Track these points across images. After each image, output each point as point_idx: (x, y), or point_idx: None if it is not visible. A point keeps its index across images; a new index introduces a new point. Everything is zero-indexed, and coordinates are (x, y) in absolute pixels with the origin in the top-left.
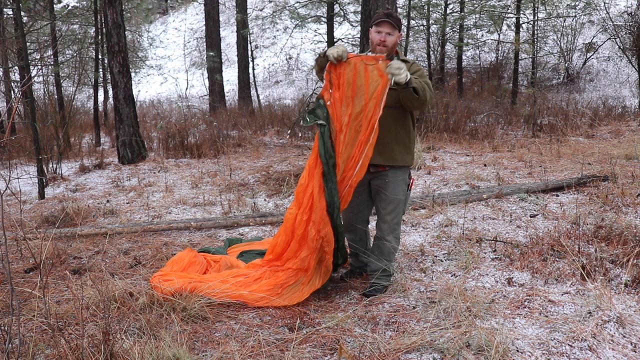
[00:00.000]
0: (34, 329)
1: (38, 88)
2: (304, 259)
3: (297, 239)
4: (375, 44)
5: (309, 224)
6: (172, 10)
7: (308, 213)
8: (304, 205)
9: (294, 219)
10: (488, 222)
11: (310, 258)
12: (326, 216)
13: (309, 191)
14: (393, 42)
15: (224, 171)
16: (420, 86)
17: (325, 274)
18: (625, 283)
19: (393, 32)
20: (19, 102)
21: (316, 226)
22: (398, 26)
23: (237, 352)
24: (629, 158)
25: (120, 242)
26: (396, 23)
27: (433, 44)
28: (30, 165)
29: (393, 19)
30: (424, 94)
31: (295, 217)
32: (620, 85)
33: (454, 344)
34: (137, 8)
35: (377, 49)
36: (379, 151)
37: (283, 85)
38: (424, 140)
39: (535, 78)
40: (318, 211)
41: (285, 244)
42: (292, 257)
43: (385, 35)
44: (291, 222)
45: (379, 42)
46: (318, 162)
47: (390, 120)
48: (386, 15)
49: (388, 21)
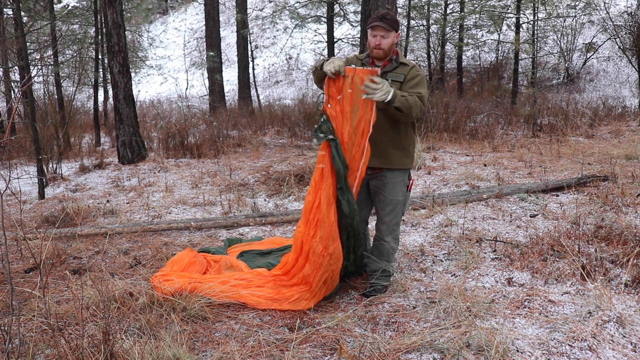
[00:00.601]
0: (34, 329)
1: (38, 88)
2: (308, 275)
3: (304, 255)
4: (371, 47)
5: (314, 239)
6: (172, 10)
7: (314, 229)
8: (310, 220)
9: (302, 236)
10: (488, 222)
11: (314, 275)
12: (335, 231)
13: (316, 206)
14: (389, 44)
15: (224, 171)
16: (404, 104)
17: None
18: (625, 283)
19: (388, 34)
20: (19, 102)
21: (324, 242)
22: (394, 27)
23: (237, 352)
24: (629, 158)
25: (120, 242)
26: (391, 24)
27: (433, 44)
28: (30, 165)
29: (387, 20)
30: (409, 111)
31: (303, 234)
32: (620, 85)
33: (454, 344)
34: (137, 8)
35: (373, 52)
36: (376, 154)
37: (283, 85)
38: (424, 140)
39: (535, 78)
40: (326, 226)
41: (294, 261)
42: (297, 272)
43: (380, 39)
44: (299, 239)
45: (375, 45)
46: (324, 176)
47: (387, 123)
48: (380, 18)
49: (381, 25)
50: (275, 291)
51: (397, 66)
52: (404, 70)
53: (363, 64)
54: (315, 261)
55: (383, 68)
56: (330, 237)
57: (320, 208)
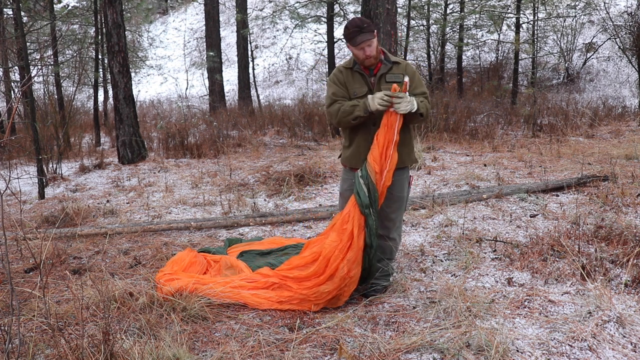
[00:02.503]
0: (34, 329)
1: (38, 88)
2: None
3: (329, 271)
4: (361, 59)
5: (343, 261)
6: (172, 10)
7: (345, 252)
8: (343, 241)
9: (333, 250)
10: (488, 222)
11: (330, 294)
12: (360, 256)
13: (349, 228)
14: (375, 48)
15: (224, 171)
16: (424, 108)
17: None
18: (625, 283)
19: (372, 40)
20: (19, 102)
21: (349, 265)
22: (373, 29)
23: (237, 352)
24: (629, 158)
25: (120, 242)
26: (370, 28)
27: (433, 44)
28: (30, 165)
29: (366, 28)
30: (427, 112)
31: (335, 249)
32: (620, 85)
33: (454, 344)
34: (137, 8)
35: (365, 62)
36: None
37: (283, 85)
38: (424, 140)
39: (535, 78)
40: (355, 250)
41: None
42: (313, 286)
43: (367, 49)
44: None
45: (365, 57)
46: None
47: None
48: (359, 29)
49: (363, 32)
50: (278, 293)
51: (392, 66)
52: (399, 69)
53: (356, 72)
54: (336, 282)
55: (378, 71)
56: (355, 261)
57: (352, 232)
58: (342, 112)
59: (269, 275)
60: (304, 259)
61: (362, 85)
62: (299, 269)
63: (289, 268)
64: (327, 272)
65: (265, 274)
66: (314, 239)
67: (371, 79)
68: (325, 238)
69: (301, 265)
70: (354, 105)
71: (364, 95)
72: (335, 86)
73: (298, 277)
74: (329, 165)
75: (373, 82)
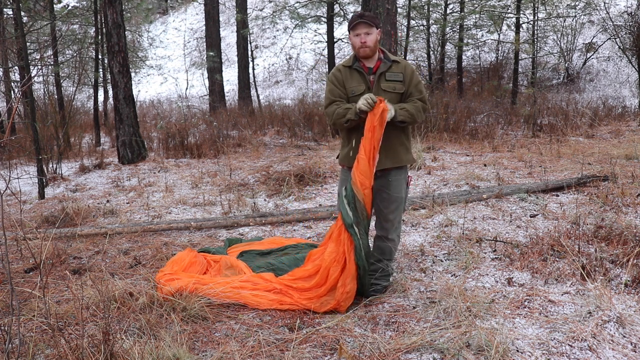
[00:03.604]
0: (34, 329)
1: (38, 88)
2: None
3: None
4: (357, 47)
5: (342, 274)
6: (172, 10)
7: (342, 265)
8: (340, 251)
9: (332, 261)
10: (488, 222)
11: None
12: (355, 271)
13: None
14: (373, 40)
15: (224, 171)
16: (406, 116)
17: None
18: (625, 283)
19: (371, 30)
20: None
21: (344, 279)
22: (375, 23)
23: (237, 352)
24: (629, 158)
25: (120, 242)
26: (372, 21)
27: (433, 44)
28: (30, 165)
29: (367, 17)
30: (412, 119)
31: (334, 261)
32: (620, 85)
33: (454, 344)
34: (137, 8)
35: (360, 51)
36: (386, 155)
37: (283, 85)
38: (424, 140)
39: (535, 78)
40: (351, 265)
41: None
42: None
43: (364, 36)
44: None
45: (361, 44)
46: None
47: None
48: (359, 16)
49: (362, 21)
50: (279, 297)
51: (391, 65)
52: (399, 68)
53: (355, 70)
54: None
55: (377, 69)
56: (350, 275)
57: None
58: (337, 114)
59: (271, 281)
60: (307, 271)
61: (360, 83)
62: (303, 280)
63: (292, 279)
64: (327, 283)
65: (267, 279)
66: (314, 250)
67: (370, 77)
68: (325, 249)
69: (304, 277)
70: (347, 109)
71: (362, 93)
72: (332, 85)
73: (301, 287)
74: (329, 165)
75: (372, 80)
